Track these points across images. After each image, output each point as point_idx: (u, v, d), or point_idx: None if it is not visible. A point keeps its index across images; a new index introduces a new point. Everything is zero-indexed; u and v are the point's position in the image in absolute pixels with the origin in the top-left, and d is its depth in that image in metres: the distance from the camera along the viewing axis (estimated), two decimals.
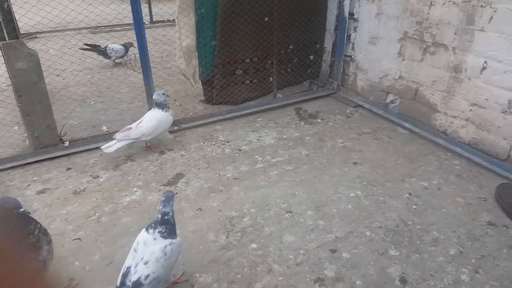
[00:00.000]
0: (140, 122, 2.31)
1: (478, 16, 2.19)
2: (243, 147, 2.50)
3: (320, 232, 1.73)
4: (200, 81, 3.07)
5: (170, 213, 1.33)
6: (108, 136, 2.48)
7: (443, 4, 2.36)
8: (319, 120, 2.86)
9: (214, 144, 2.54)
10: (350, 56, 3.17)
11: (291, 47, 3.23)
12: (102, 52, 4.00)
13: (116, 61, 4.12)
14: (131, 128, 2.29)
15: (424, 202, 1.96)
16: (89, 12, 3.70)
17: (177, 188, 2.04)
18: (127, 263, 1.28)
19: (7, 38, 2.05)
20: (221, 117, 2.87)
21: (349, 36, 3.11)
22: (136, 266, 1.26)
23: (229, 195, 1.98)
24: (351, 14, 3.03)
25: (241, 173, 2.20)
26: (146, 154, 2.38)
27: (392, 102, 2.89)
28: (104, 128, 2.69)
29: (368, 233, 1.73)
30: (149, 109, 2.47)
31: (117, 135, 2.25)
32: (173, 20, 2.85)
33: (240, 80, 3.09)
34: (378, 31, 2.84)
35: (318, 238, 1.69)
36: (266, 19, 2.96)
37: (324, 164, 2.30)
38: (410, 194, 2.02)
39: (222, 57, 2.91)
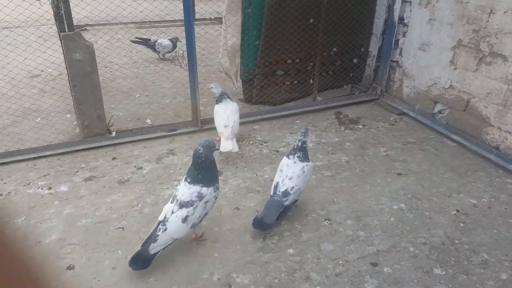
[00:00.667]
0: (227, 120, 2.26)
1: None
2: (281, 148, 2.46)
3: (361, 244, 1.66)
4: (241, 80, 3.06)
5: (307, 142, 1.78)
6: (152, 129, 2.51)
7: (505, 12, 2.21)
8: (360, 126, 2.77)
9: (252, 144, 2.51)
10: (397, 62, 3.05)
11: (334, 49, 3.15)
12: (151, 46, 4.08)
13: (165, 55, 4.18)
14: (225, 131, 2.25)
15: (473, 220, 1.84)
16: (133, 8, 3.77)
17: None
18: (275, 180, 1.72)
19: (67, 30, 2.12)
20: (259, 117, 2.84)
21: (397, 41, 2.99)
22: (282, 181, 1.69)
23: (266, 197, 1.93)
24: (401, 18, 2.91)
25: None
26: (186, 149, 2.39)
27: (440, 112, 2.75)
28: (148, 121, 2.74)
29: (411, 249, 1.64)
30: (216, 103, 2.42)
31: (229, 135, 2.20)
32: (214, 18, 2.86)
33: (280, 81, 3.05)
34: (430, 37, 2.71)
35: (358, 250, 1.62)
36: (312, 20, 2.90)
37: (366, 172, 2.22)
38: (457, 211, 1.90)
39: (265, 57, 2.89)
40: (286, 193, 1.67)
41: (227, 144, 2.18)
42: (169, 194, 1.95)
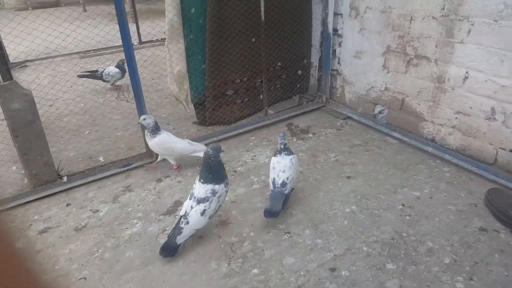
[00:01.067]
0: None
1: (457, 30, 2.26)
2: (238, 168, 2.54)
3: (319, 251, 1.77)
4: (192, 104, 3.12)
5: (286, 144, 2.10)
6: (106, 167, 2.51)
7: (423, 19, 2.43)
8: (310, 135, 2.91)
9: None
10: (337, 70, 3.23)
11: (279, 64, 3.29)
12: (99, 77, 4.03)
13: (116, 83, 4.14)
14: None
15: (417, 212, 2.00)
16: (73, 38, 3.73)
17: (176, 216, 2.07)
18: (271, 176, 2.03)
19: (1, 81, 2.08)
20: (215, 138, 2.91)
21: (334, 51, 3.18)
22: (278, 175, 2.00)
23: (228, 220, 2.01)
24: (335, 30, 3.10)
25: (238, 196, 2.23)
26: (143, 183, 2.41)
27: (380, 112, 2.95)
28: (101, 158, 2.72)
29: (365, 249, 1.77)
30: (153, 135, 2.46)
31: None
32: (162, 39, 2.91)
33: (231, 100, 3.14)
34: (362, 45, 2.91)
35: (317, 258, 1.73)
36: (254, 39, 3.02)
37: (318, 180, 2.34)
38: (403, 205, 2.07)
39: (213, 80, 2.97)
40: (284, 184, 1.98)
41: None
42: (129, 234, 1.96)
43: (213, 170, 1.83)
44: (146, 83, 4.10)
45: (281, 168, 2.03)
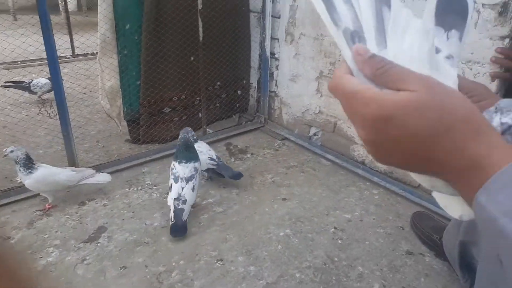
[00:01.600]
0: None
1: None
2: None
3: (252, 279, 1.69)
4: (125, 121, 2.95)
5: (190, 141, 2.17)
6: (22, 189, 2.23)
7: None
8: (249, 155, 2.87)
9: (141, 189, 2.41)
10: (275, 92, 3.26)
11: (218, 83, 3.24)
12: (27, 88, 3.67)
13: (43, 96, 3.80)
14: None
15: (348, 235, 2.02)
16: (6, 46, 3.39)
17: (99, 244, 1.88)
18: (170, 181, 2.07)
19: None
20: (148, 158, 2.75)
21: (272, 74, 3.20)
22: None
23: (157, 247, 1.87)
24: (272, 53, 3.13)
25: (169, 221, 2.10)
26: (64, 206, 2.18)
27: (315, 134, 3.00)
28: (18, 179, 2.42)
29: (298, 275, 1.73)
30: None
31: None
32: (97, 53, 2.76)
33: (168, 118, 3.01)
34: (298, 70, 2.96)
35: (249, 287, 1.65)
36: (192, 58, 2.95)
37: (254, 202, 2.29)
38: (335, 228, 2.08)
39: (148, 96, 2.83)
40: (193, 187, 2.06)
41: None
42: (43, 264, 1.74)
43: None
44: (76, 97, 3.82)
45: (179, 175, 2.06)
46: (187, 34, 2.83)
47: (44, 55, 2.21)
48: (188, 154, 2.10)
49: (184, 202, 1.97)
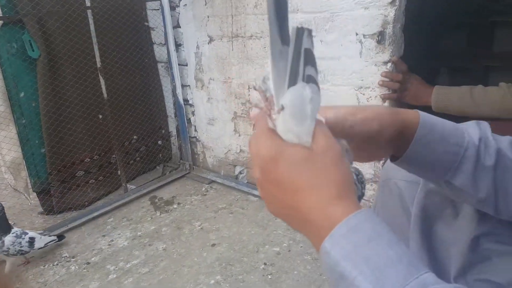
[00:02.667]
0: None
1: None
2: (92, 258, 2.26)
3: None
4: (35, 193, 2.74)
5: None
6: None
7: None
8: (175, 206, 2.80)
9: (57, 264, 2.22)
10: (195, 137, 3.28)
11: (135, 137, 3.19)
12: None
13: None
14: None
15: (278, 269, 2.03)
16: None
17: None
18: None
19: None
20: (64, 228, 2.57)
21: (189, 120, 3.23)
22: None
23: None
24: (186, 100, 3.18)
25: None
26: None
27: (240, 173, 3.04)
28: None
29: None
30: None
31: None
32: None
33: (82, 181, 2.87)
34: (213, 113, 3.03)
35: None
36: (100, 116, 2.89)
37: (183, 254, 2.22)
38: (265, 263, 2.07)
39: (56, 163, 2.69)
40: None
41: None
42: None
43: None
44: None
45: None
46: (89, 93, 2.78)
47: None
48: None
49: None
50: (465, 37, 3.64)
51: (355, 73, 2.18)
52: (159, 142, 3.39)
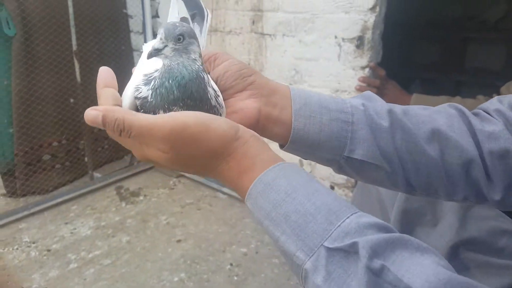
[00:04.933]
0: None
1: None
2: (53, 245, 2.16)
3: None
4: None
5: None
6: None
7: None
8: (141, 198, 2.71)
9: (18, 249, 2.12)
10: None
11: None
12: None
13: None
14: None
15: (244, 270, 1.99)
16: None
17: None
18: None
19: None
20: (26, 212, 2.45)
21: None
22: None
23: None
24: None
25: (50, 281, 1.87)
26: None
27: None
28: None
29: None
30: None
31: None
32: None
33: (49, 165, 2.76)
34: None
35: None
36: (72, 100, 2.76)
37: (147, 248, 2.15)
38: (231, 264, 2.03)
39: (23, 144, 2.57)
40: None
41: None
42: None
43: None
44: None
45: None
46: (63, 76, 2.68)
47: None
48: None
49: None
50: (439, 50, 3.71)
51: (332, 76, 2.17)
52: None
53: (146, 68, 0.58)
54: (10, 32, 2.40)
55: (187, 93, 0.52)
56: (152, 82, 0.54)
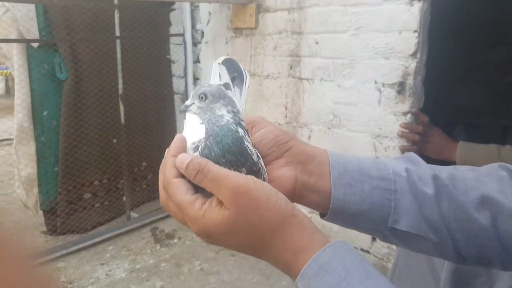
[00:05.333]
0: None
1: (299, 135, 2.45)
2: (89, 287, 2.13)
3: None
4: (42, 211, 2.71)
5: None
6: None
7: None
8: (176, 240, 2.69)
9: None
10: None
11: (144, 164, 3.15)
12: None
13: None
14: None
15: None
16: None
17: None
18: None
19: None
20: (65, 251, 2.49)
21: None
22: None
23: None
24: None
25: None
26: None
27: None
28: None
29: None
30: None
31: None
32: (6, 139, 2.62)
33: (89, 204, 2.84)
34: None
35: None
36: (115, 141, 2.88)
37: None
38: None
39: (66, 183, 2.68)
40: None
41: None
42: None
43: None
44: None
45: None
46: (108, 118, 2.81)
47: None
48: None
49: None
50: (483, 94, 3.57)
51: (372, 121, 2.12)
52: None
53: (193, 136, 0.61)
54: (62, 76, 2.58)
55: (225, 148, 0.54)
56: (200, 147, 0.57)
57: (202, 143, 0.56)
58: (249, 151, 0.55)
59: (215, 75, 0.69)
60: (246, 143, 0.55)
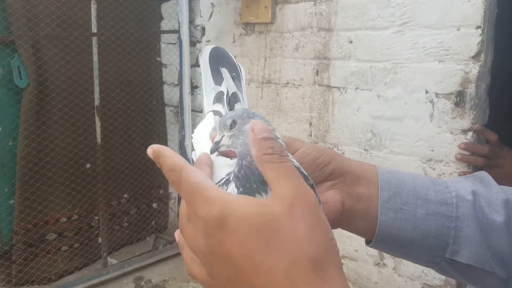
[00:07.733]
0: None
1: None
2: None
3: None
4: None
5: None
6: None
7: None
8: None
9: None
10: None
11: (125, 196, 3.15)
12: None
13: None
14: None
15: None
16: None
17: None
18: None
19: None
20: None
21: None
22: None
23: None
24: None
25: None
26: None
27: None
28: None
29: None
30: None
31: None
32: None
33: (53, 247, 2.80)
34: None
35: None
36: (88, 165, 2.87)
37: None
38: None
39: (25, 219, 2.64)
40: None
41: None
42: None
43: None
44: None
45: None
46: (80, 136, 2.80)
47: None
48: None
49: None
50: None
51: (423, 141, 2.10)
52: (154, 205, 3.34)
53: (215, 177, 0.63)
54: (21, 83, 2.55)
55: None
56: (233, 171, 0.57)
57: (236, 167, 0.57)
58: (295, 164, 0.56)
59: (206, 75, 0.73)
60: (290, 157, 0.58)
